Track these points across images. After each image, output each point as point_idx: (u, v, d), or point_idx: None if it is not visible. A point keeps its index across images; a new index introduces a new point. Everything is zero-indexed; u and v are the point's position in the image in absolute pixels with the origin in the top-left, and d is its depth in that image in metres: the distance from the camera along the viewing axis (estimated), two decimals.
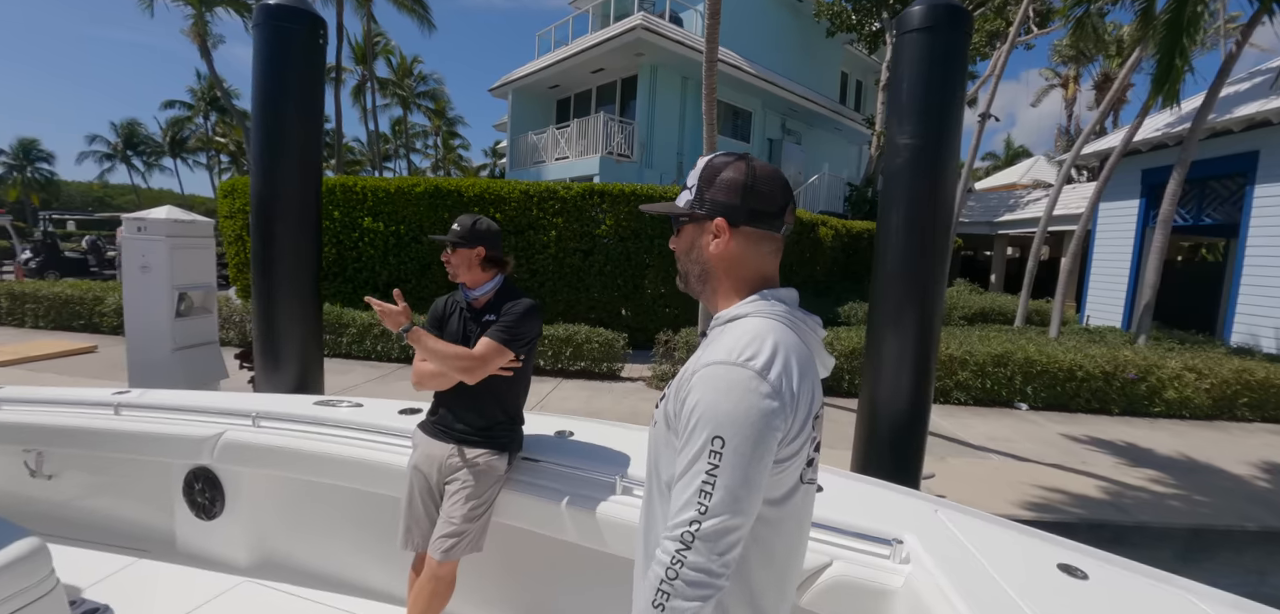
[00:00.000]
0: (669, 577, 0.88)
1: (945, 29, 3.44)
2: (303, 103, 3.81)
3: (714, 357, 0.94)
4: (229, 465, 2.67)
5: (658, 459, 1.07)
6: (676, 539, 0.88)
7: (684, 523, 0.88)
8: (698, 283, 1.11)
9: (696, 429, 0.90)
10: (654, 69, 16.26)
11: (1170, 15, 7.40)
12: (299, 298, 3.91)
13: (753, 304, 1.03)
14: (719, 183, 1.05)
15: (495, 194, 9.02)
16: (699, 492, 0.88)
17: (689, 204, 1.08)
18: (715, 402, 0.90)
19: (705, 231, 1.07)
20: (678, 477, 0.92)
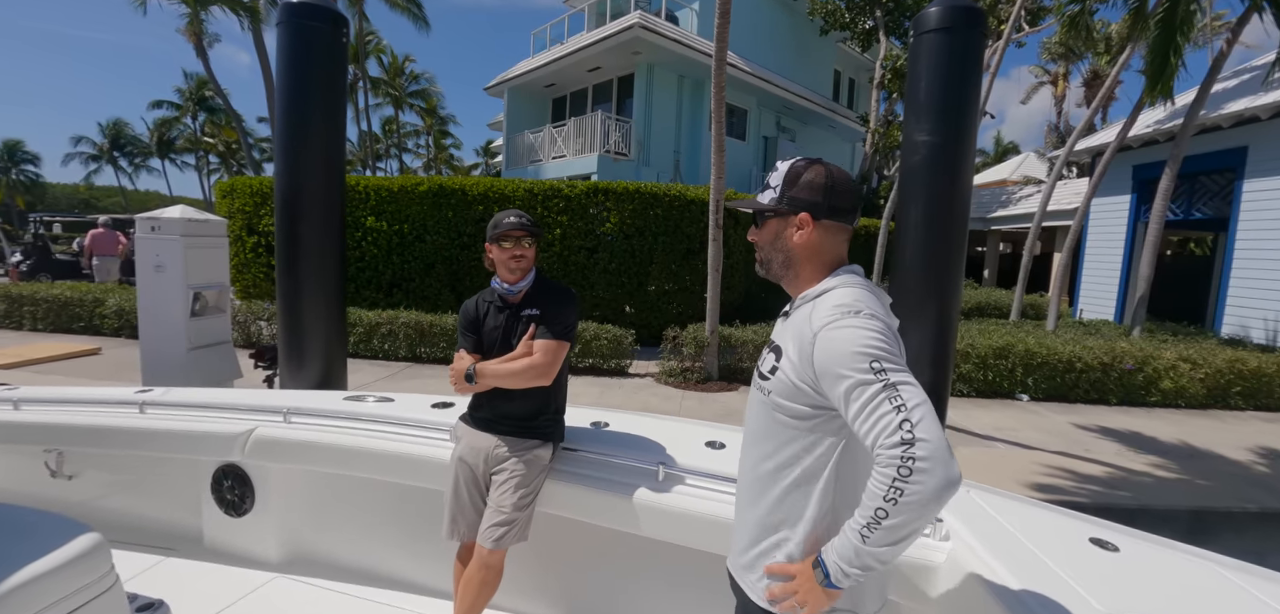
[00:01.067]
0: (898, 475, 1.00)
1: (962, 29, 3.53)
2: (326, 100, 3.84)
3: (824, 319, 1.13)
4: (260, 461, 2.69)
5: (764, 420, 1.27)
6: (898, 447, 1.01)
7: (897, 427, 1.02)
8: (781, 268, 1.31)
9: (849, 368, 1.07)
10: (651, 67, 16.32)
11: (1164, 13, 7.56)
12: (323, 295, 3.93)
13: (837, 277, 1.24)
14: (801, 183, 1.26)
15: (499, 193, 9.04)
16: (887, 401, 1.03)
17: (773, 201, 1.28)
18: (848, 343, 1.09)
19: (789, 225, 1.27)
20: (860, 414, 1.06)
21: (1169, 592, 1.49)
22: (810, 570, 1.17)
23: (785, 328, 1.28)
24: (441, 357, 7.55)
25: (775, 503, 1.26)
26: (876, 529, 1.04)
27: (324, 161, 3.87)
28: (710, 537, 2.06)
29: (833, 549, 1.13)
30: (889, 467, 1.01)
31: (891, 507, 1.01)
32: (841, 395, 1.09)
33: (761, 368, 1.30)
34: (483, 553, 2.10)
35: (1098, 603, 1.38)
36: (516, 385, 2.13)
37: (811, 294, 1.24)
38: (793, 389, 1.20)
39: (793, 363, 1.20)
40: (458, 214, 9.00)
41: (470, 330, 2.25)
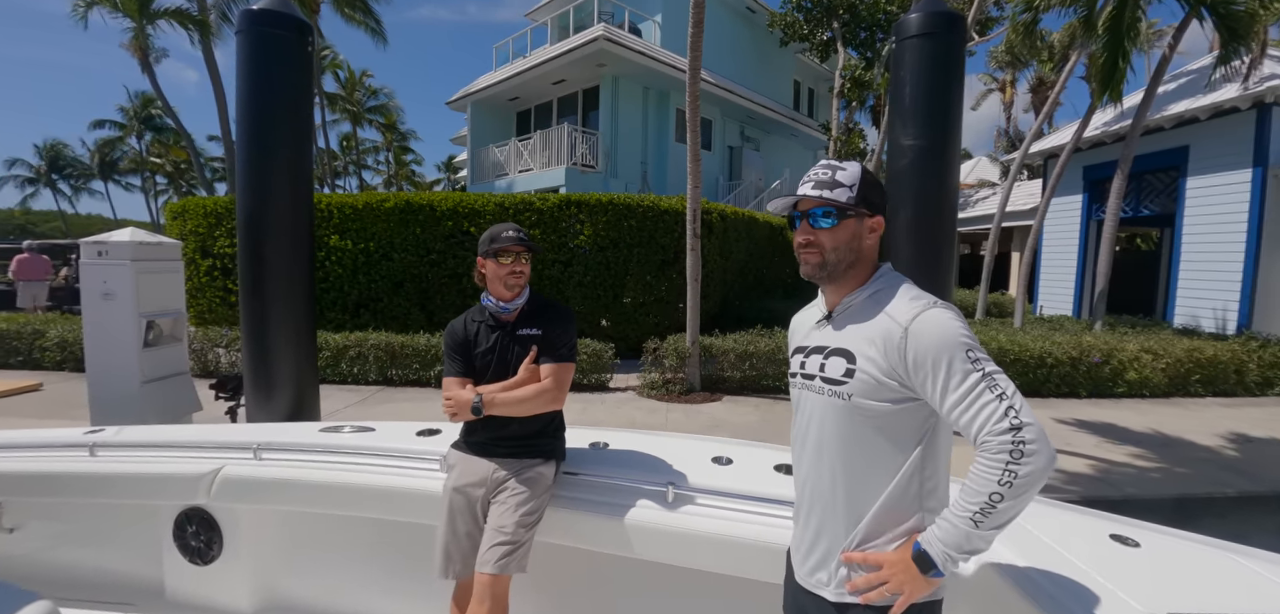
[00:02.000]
0: (1010, 460, 1.06)
1: (944, 34, 3.55)
2: (291, 112, 3.64)
3: (909, 312, 1.18)
4: (228, 503, 2.47)
5: (842, 425, 1.26)
6: (1007, 433, 1.07)
7: (1003, 414, 1.08)
8: (847, 270, 1.29)
9: (947, 359, 1.12)
10: (616, 79, 16.31)
11: (1111, 21, 7.90)
12: (292, 320, 3.70)
13: (890, 275, 1.29)
14: (874, 184, 1.28)
15: (469, 207, 8.82)
16: (988, 389, 1.09)
17: (852, 201, 1.26)
18: (941, 334, 1.13)
19: (866, 228, 1.28)
20: (961, 402, 1.11)
21: (1197, 585, 1.50)
22: (907, 560, 1.20)
23: (845, 329, 1.28)
24: (415, 378, 7.28)
25: (859, 501, 1.26)
26: (990, 513, 1.09)
27: (290, 177, 3.65)
28: (725, 558, 1.96)
29: (936, 538, 1.17)
30: (1001, 453, 1.07)
31: (1006, 490, 1.07)
32: (938, 386, 1.13)
33: (828, 374, 1.28)
34: (485, 581, 1.93)
35: (1138, 604, 1.38)
36: (528, 412, 2.00)
37: (864, 292, 1.28)
38: (876, 386, 1.20)
39: (874, 360, 1.20)
40: (426, 230, 8.74)
41: (459, 353, 2.09)
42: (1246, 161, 9.54)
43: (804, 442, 1.37)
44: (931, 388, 1.14)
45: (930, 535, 1.18)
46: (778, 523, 1.93)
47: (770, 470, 2.27)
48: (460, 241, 8.76)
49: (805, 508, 1.38)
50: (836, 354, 1.27)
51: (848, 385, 1.24)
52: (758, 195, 19.20)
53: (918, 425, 1.22)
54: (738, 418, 6.15)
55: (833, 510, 1.30)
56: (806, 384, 1.35)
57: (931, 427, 1.22)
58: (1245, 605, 1.39)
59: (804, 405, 1.36)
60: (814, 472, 1.34)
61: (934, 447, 1.24)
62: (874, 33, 19.97)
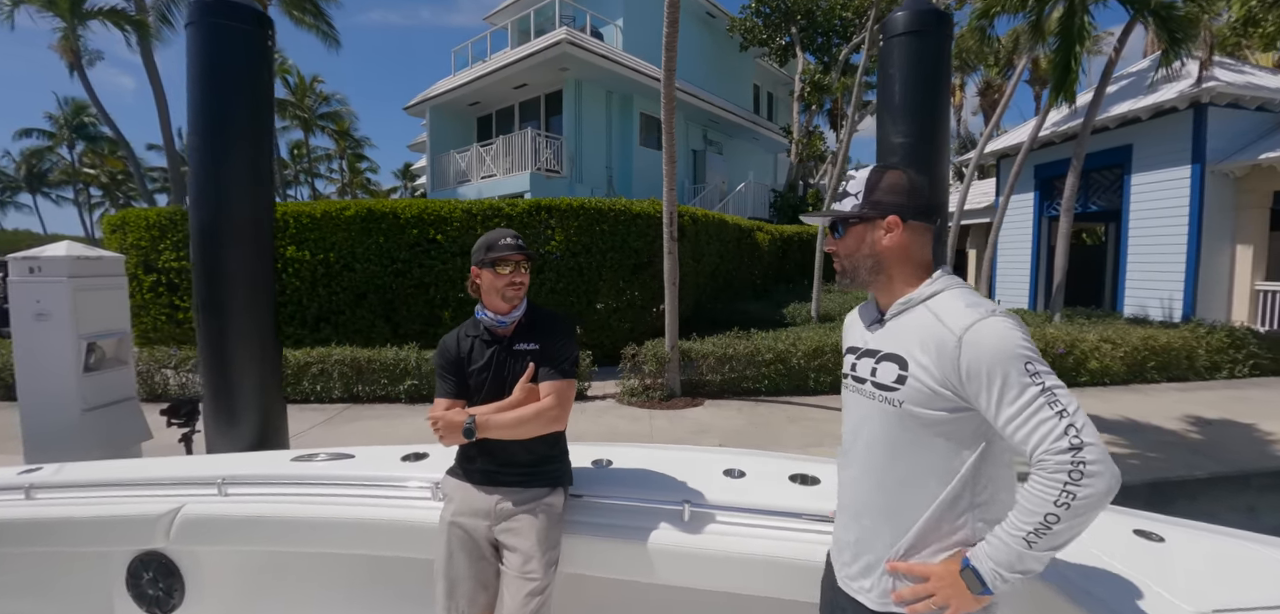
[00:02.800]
0: (1069, 480, 1.01)
1: (931, 32, 3.55)
2: (251, 111, 3.37)
3: (964, 320, 1.12)
4: (189, 546, 2.24)
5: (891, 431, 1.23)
6: (1067, 452, 1.01)
7: (1063, 432, 1.02)
8: (870, 274, 1.30)
9: (1003, 372, 1.07)
10: (579, 83, 16.15)
11: (1063, 26, 8.21)
12: (256, 337, 3.43)
13: (944, 278, 1.25)
14: (883, 187, 1.27)
15: (435, 214, 8.51)
16: (1048, 406, 1.04)
17: (857, 208, 1.27)
18: (998, 345, 1.08)
19: (876, 229, 1.27)
20: (1017, 417, 1.06)
21: (1230, 578, 1.50)
22: (954, 574, 1.16)
23: (898, 334, 1.25)
24: (383, 395, 6.94)
25: (907, 509, 1.23)
26: (1045, 534, 1.05)
27: (251, 181, 3.37)
28: (747, 577, 1.87)
29: (986, 555, 1.13)
30: (1058, 472, 1.02)
31: (1063, 511, 1.02)
32: (993, 398, 1.08)
33: (879, 379, 1.26)
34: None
35: (1185, 604, 1.38)
36: (528, 435, 1.84)
37: (917, 297, 1.24)
38: (930, 395, 1.17)
39: (927, 368, 1.17)
40: (389, 239, 8.39)
41: (451, 371, 1.92)
42: (1186, 159, 10.08)
43: (853, 445, 1.35)
44: (986, 400, 1.10)
45: (980, 552, 1.14)
46: (798, 537, 1.85)
47: (785, 482, 2.18)
48: (426, 250, 8.45)
49: (850, 512, 1.36)
50: (888, 359, 1.25)
51: (899, 392, 1.21)
52: (722, 199, 19.31)
53: (972, 434, 1.17)
54: (723, 422, 6.08)
55: (880, 517, 1.28)
56: (857, 388, 1.34)
57: (987, 437, 1.17)
58: (1276, 595, 1.41)
59: (854, 408, 1.35)
60: (862, 476, 1.32)
61: (989, 456, 1.19)
62: (830, 38, 20.44)
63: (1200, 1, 7.40)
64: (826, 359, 7.47)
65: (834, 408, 6.67)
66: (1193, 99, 9.56)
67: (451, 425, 1.81)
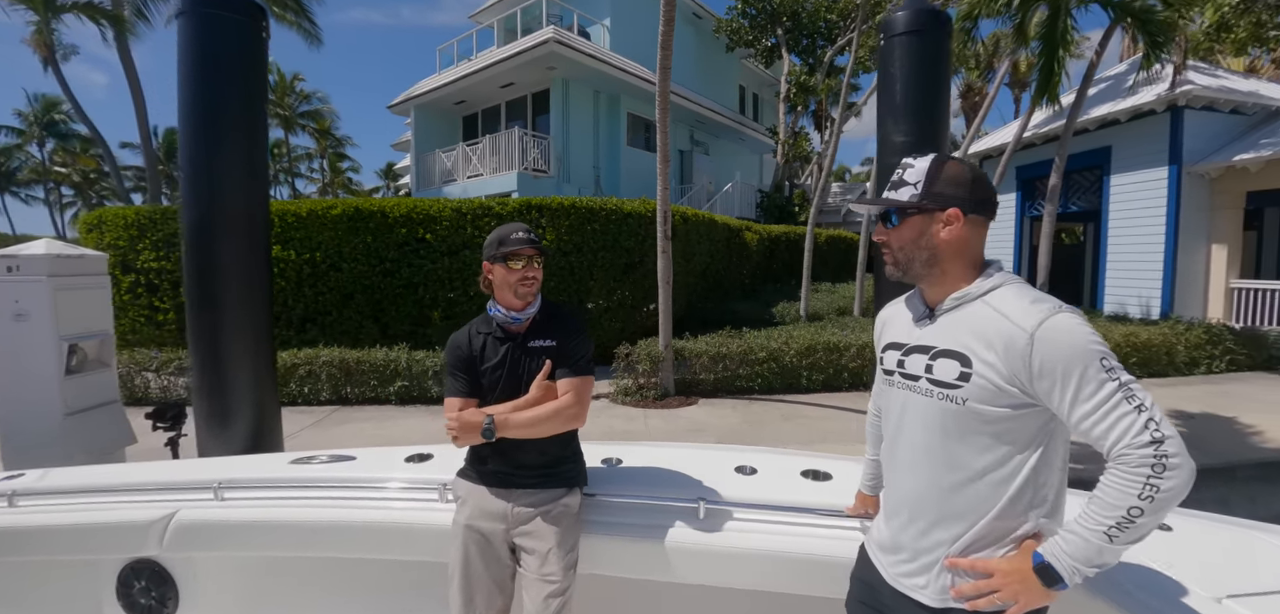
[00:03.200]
0: (1152, 473, 1.01)
1: (931, 31, 3.58)
2: (246, 104, 3.28)
3: (1033, 318, 1.11)
4: (184, 553, 2.18)
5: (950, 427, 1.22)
6: (1149, 446, 1.01)
7: (1143, 426, 1.02)
8: (924, 267, 1.26)
9: (1080, 369, 1.06)
10: (566, 83, 16.08)
11: (1047, 29, 8.36)
12: (251, 333, 3.35)
13: (1001, 274, 1.24)
14: (945, 178, 1.24)
15: (424, 213, 8.40)
16: (1126, 401, 1.04)
17: (915, 198, 1.24)
18: (1072, 343, 1.08)
19: (935, 221, 1.23)
20: (1095, 413, 1.05)
21: (1238, 564, 1.58)
22: (1024, 570, 1.15)
23: (954, 329, 1.23)
24: (372, 396, 6.82)
25: (968, 507, 1.22)
26: (1127, 528, 1.04)
27: (245, 173, 3.29)
28: (764, 574, 1.87)
29: (1063, 551, 1.11)
30: (1141, 466, 1.02)
31: (1147, 504, 1.02)
32: (1068, 395, 1.07)
33: (937, 376, 1.23)
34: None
35: (1201, 589, 1.44)
36: (546, 434, 1.80)
37: (974, 292, 1.22)
38: (995, 392, 1.15)
39: (993, 365, 1.15)
40: (377, 239, 8.26)
41: (464, 370, 1.86)
42: (1163, 160, 10.32)
43: (902, 441, 1.33)
44: (1059, 397, 1.08)
45: (1055, 548, 1.12)
46: (814, 532, 1.86)
47: (798, 478, 2.18)
48: (415, 250, 8.33)
49: (900, 509, 1.33)
50: (946, 355, 1.23)
51: (963, 389, 1.19)
52: (709, 199, 19.35)
53: (1035, 431, 1.16)
54: (718, 421, 6.08)
55: (938, 514, 1.25)
56: (909, 385, 1.30)
57: (1050, 432, 1.17)
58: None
59: (904, 406, 1.32)
60: (915, 474, 1.29)
61: (1050, 453, 1.18)
62: (815, 40, 20.62)
63: (1177, 6, 7.58)
64: (818, 358, 7.51)
65: (827, 406, 6.71)
66: (1170, 102, 9.80)
67: (469, 426, 1.77)
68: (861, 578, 1.49)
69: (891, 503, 1.39)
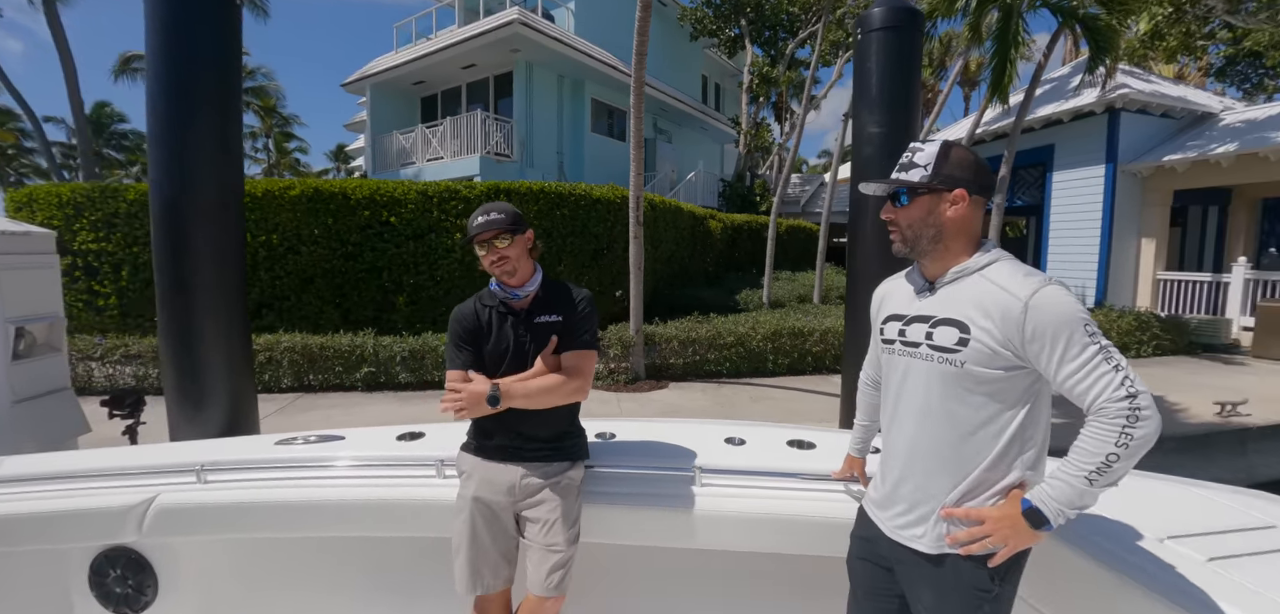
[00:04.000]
0: (1128, 424, 1.15)
1: (905, 28, 3.72)
2: (219, 74, 3.14)
3: (1026, 288, 1.24)
4: (165, 538, 2.12)
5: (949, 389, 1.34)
6: (1125, 400, 1.16)
7: (1120, 384, 1.17)
8: (930, 243, 1.37)
9: (1067, 334, 1.20)
10: (530, 66, 15.84)
11: (1000, 30, 8.76)
12: (226, 315, 3.23)
13: (996, 251, 1.36)
14: (953, 160, 1.34)
15: (388, 195, 8.19)
16: (1105, 361, 1.19)
17: (926, 179, 1.34)
18: (1061, 311, 1.21)
19: (943, 201, 1.34)
20: (1078, 372, 1.19)
21: (1176, 512, 1.82)
22: (1013, 515, 1.27)
23: (953, 300, 1.34)
24: (337, 383, 6.65)
25: (963, 461, 1.34)
26: (1105, 473, 1.18)
27: (218, 150, 3.16)
28: (755, 536, 1.99)
29: (1048, 496, 1.24)
30: (1118, 418, 1.15)
31: (1122, 451, 1.16)
32: (1056, 356, 1.21)
33: (938, 342, 1.35)
34: (544, 603, 1.81)
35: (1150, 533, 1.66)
36: (550, 404, 1.83)
37: (972, 266, 1.34)
38: (991, 355, 1.27)
39: (989, 331, 1.27)
40: (339, 221, 8.01)
41: (468, 343, 1.88)
42: (1101, 159, 10.99)
43: (902, 404, 1.44)
44: (1047, 358, 1.22)
45: (1042, 494, 1.25)
46: (803, 496, 1.99)
47: (784, 447, 2.31)
48: (379, 233, 8.12)
49: (899, 466, 1.44)
50: (946, 324, 1.34)
51: (961, 353, 1.30)
52: (672, 187, 19.45)
53: (1023, 390, 1.29)
54: (690, 403, 6.20)
55: (935, 469, 1.37)
56: (910, 351, 1.41)
57: (1036, 392, 1.30)
58: (1209, 524, 1.74)
59: (906, 371, 1.43)
60: (916, 432, 1.40)
61: (1036, 410, 1.31)
62: (777, 32, 20.92)
63: (1118, 14, 8.08)
64: (784, 343, 7.72)
65: (793, 388, 6.92)
66: (1108, 104, 10.43)
67: (474, 395, 1.77)
68: (861, 535, 1.61)
69: (889, 461, 1.50)
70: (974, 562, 1.33)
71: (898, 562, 1.47)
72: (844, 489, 1.99)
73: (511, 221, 1.85)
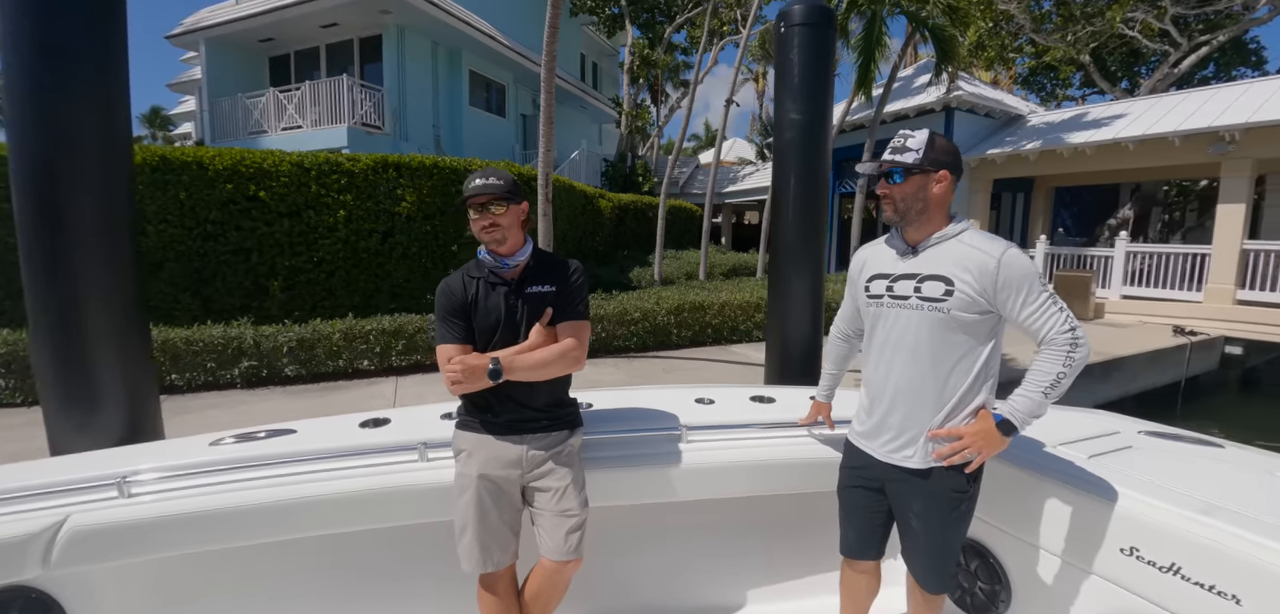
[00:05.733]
0: (1072, 352, 1.53)
1: (821, 25, 4.08)
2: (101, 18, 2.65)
3: (995, 249, 1.60)
4: (78, 568, 1.84)
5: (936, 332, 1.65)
6: (1068, 332, 1.54)
7: (1064, 321, 1.55)
8: (918, 214, 1.67)
9: (1028, 284, 1.56)
10: (402, 30, 14.73)
11: (866, 33, 9.79)
12: (119, 302, 2.76)
13: (966, 222, 1.71)
14: (939, 147, 1.66)
15: (255, 167, 7.28)
16: (1054, 305, 1.56)
17: (918, 161, 1.64)
18: (1023, 267, 1.57)
19: (931, 179, 1.64)
20: (1035, 313, 1.56)
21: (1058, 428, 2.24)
22: (988, 429, 1.62)
23: (936, 260, 1.66)
24: (209, 382, 5.85)
25: (945, 390, 1.65)
26: (1054, 389, 1.55)
27: (100, 108, 2.66)
28: (734, 481, 2.23)
29: (1015, 408, 1.60)
30: (1064, 346, 1.54)
31: (1068, 370, 1.54)
32: (1019, 301, 1.57)
33: (925, 294, 1.66)
34: (563, 567, 1.87)
35: (1048, 442, 2.12)
36: (550, 376, 1.88)
37: (950, 233, 1.67)
38: (970, 302, 1.59)
39: (970, 283, 1.60)
40: (194, 196, 6.97)
41: (458, 316, 1.87)
42: None
43: (891, 347, 1.73)
44: (1013, 303, 1.58)
45: (1010, 408, 1.61)
46: (773, 442, 2.26)
47: (748, 402, 2.57)
48: (246, 210, 7.20)
49: (887, 401, 1.74)
50: (932, 279, 1.65)
51: (948, 302, 1.61)
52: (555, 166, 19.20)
53: (990, 330, 1.65)
54: (606, 377, 6.33)
55: (923, 399, 1.68)
56: (899, 303, 1.71)
57: (996, 330, 1.66)
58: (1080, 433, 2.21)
59: (895, 320, 1.72)
60: (905, 371, 1.70)
61: (996, 347, 1.68)
62: (655, 14, 21.32)
63: (958, 26, 9.40)
64: (686, 317, 8.11)
65: (698, 359, 7.32)
66: (945, 103, 12.09)
67: (473, 370, 1.77)
68: (850, 465, 1.90)
69: (877, 398, 1.78)
70: (954, 471, 1.66)
71: (889, 480, 1.77)
72: (807, 432, 2.27)
73: (509, 189, 1.85)
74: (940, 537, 1.71)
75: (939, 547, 1.72)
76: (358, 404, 5.17)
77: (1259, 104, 9.12)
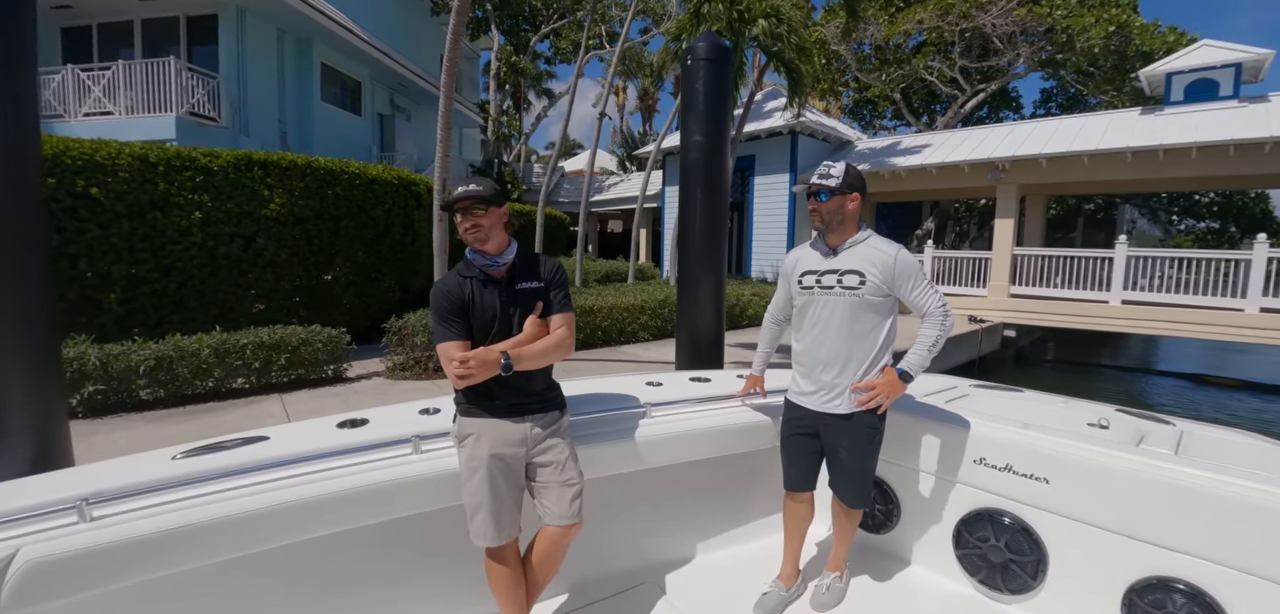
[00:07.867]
0: (944, 320, 2.18)
1: (722, 60, 4.69)
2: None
3: (892, 249, 2.19)
4: (36, 608, 1.61)
5: (854, 312, 2.22)
6: (941, 308, 2.19)
7: (939, 300, 2.19)
8: (838, 224, 2.24)
9: (914, 275, 2.19)
10: (241, 12, 13.22)
11: None
12: (19, 318, 2.51)
13: (870, 230, 2.30)
14: (851, 176, 2.21)
15: (86, 159, 6.27)
16: (931, 289, 2.20)
17: (839, 185, 2.19)
18: (910, 262, 2.20)
19: (848, 198, 2.21)
20: (919, 294, 2.19)
21: (928, 386, 3.00)
22: (892, 380, 2.21)
23: (851, 259, 2.22)
24: None
25: (861, 354, 2.24)
26: (934, 347, 2.19)
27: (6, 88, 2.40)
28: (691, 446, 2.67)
29: (910, 363, 2.20)
30: (938, 318, 2.18)
31: (943, 334, 2.17)
32: (908, 285, 2.18)
33: (846, 284, 2.22)
34: (567, 531, 2.11)
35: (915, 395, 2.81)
36: (550, 362, 2.14)
37: (859, 238, 2.26)
38: (877, 287, 2.18)
39: (876, 275, 2.18)
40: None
41: (459, 314, 2.04)
42: (786, 169, 14.39)
43: (821, 325, 2.28)
44: (906, 287, 2.19)
45: (907, 362, 2.22)
46: (717, 413, 2.75)
47: (688, 383, 3.04)
48: (72, 210, 6.18)
49: (820, 366, 2.29)
50: (850, 273, 2.22)
51: (862, 290, 2.20)
52: (417, 170, 18.38)
53: (889, 309, 2.25)
54: None
55: (848, 362, 2.25)
56: (827, 291, 2.27)
57: (893, 310, 2.27)
58: (937, 388, 2.98)
59: (824, 305, 2.27)
60: (835, 342, 2.25)
61: (894, 322, 2.29)
62: (519, 21, 21.31)
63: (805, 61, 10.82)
64: (580, 320, 8.44)
65: (596, 360, 7.68)
66: (791, 128, 13.74)
67: (487, 363, 1.95)
68: (791, 418, 2.44)
69: (812, 365, 2.32)
70: (870, 413, 2.24)
71: (823, 427, 2.32)
72: (742, 402, 2.81)
73: (491, 194, 2.04)
74: (862, 463, 2.28)
75: (861, 470, 2.28)
76: (243, 425, 4.78)
77: (1021, 141, 11.82)
